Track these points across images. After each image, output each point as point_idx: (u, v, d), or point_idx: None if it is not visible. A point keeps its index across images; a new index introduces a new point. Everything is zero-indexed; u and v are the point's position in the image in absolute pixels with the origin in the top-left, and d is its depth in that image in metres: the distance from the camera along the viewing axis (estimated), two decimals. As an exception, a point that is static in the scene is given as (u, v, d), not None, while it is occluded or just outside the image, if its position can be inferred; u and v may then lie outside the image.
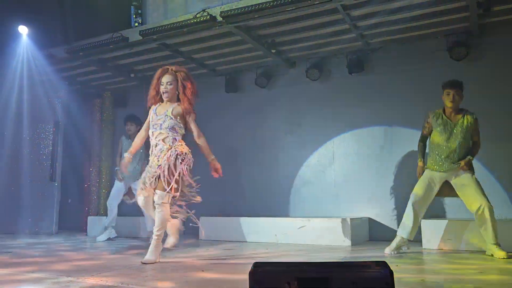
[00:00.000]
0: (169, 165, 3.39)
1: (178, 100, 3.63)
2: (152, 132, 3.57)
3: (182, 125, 3.64)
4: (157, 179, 3.42)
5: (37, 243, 5.34)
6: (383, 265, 1.75)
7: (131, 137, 5.61)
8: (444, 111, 4.01)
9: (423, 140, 4.17)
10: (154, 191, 3.44)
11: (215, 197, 6.25)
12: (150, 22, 5.94)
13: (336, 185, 5.58)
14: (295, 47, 5.55)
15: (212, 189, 6.30)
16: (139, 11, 6.08)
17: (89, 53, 5.81)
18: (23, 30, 6.19)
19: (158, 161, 3.41)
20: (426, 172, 4.01)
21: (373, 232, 5.30)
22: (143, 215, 5.54)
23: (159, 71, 3.68)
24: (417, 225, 3.97)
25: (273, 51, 5.49)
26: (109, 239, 5.58)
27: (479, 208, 3.67)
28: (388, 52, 5.49)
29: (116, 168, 5.84)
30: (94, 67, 6.29)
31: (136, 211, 5.68)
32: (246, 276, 1.74)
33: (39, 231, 6.80)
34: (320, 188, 5.65)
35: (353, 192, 5.46)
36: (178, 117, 3.59)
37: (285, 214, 5.52)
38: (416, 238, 4.12)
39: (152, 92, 3.66)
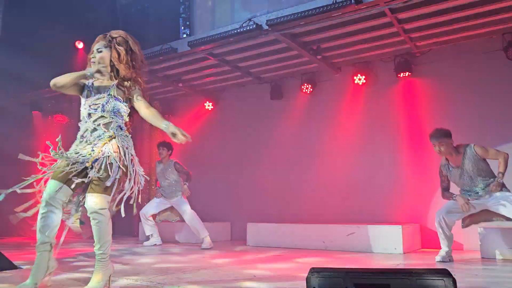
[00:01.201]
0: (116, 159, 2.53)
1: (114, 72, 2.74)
2: (89, 114, 2.69)
3: (127, 107, 2.76)
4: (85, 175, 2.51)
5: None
6: (446, 272, 1.71)
7: (162, 161, 5.87)
8: (447, 160, 4.01)
9: (446, 189, 4.09)
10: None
11: (262, 204, 6.31)
12: (198, 33, 6.12)
13: (385, 191, 5.43)
14: (341, 52, 5.52)
15: (258, 194, 6.40)
16: (187, 23, 6.27)
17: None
18: (79, 45, 6.58)
19: (93, 150, 2.57)
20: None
21: (426, 240, 5.11)
22: (183, 221, 5.72)
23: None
24: (450, 237, 3.93)
25: (319, 57, 5.47)
26: (154, 245, 5.72)
27: None
28: (438, 54, 5.33)
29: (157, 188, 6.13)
30: (145, 77, 6.53)
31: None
32: (302, 281, 1.75)
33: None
34: (369, 194, 5.53)
35: (404, 198, 5.31)
36: (124, 95, 2.72)
37: (333, 221, 5.45)
38: (473, 247, 3.96)
39: (87, 64, 2.81)
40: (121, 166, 2.54)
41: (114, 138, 2.63)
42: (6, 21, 6.16)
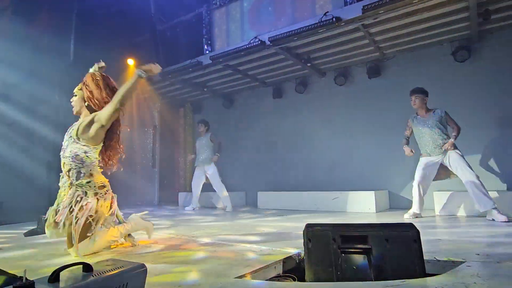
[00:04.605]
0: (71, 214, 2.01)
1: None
2: (60, 159, 2.11)
3: (92, 147, 2.08)
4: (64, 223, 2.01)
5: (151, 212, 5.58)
6: (411, 226, 1.60)
7: (201, 135, 5.68)
8: (416, 113, 3.82)
9: (406, 137, 3.97)
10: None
11: (268, 176, 6.24)
12: (217, 49, 5.98)
13: (361, 165, 5.31)
14: (325, 60, 5.34)
15: (265, 170, 6.32)
16: (209, 42, 6.14)
17: (175, 75, 5.98)
18: (130, 62, 6.50)
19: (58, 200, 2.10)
20: (421, 159, 3.75)
21: (392, 202, 4.99)
22: (214, 191, 5.57)
23: None
24: (422, 201, 3.72)
25: (308, 64, 5.31)
26: (193, 209, 5.70)
27: (467, 182, 3.39)
28: (401, 59, 5.12)
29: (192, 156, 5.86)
30: (179, 85, 6.48)
31: (211, 187, 5.79)
32: (300, 234, 1.65)
33: (145, 203, 7.16)
34: (348, 168, 5.42)
35: (375, 170, 5.18)
36: (87, 134, 2.05)
37: (322, 189, 5.35)
38: (430, 207, 3.82)
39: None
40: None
41: (72, 187, 2.07)
42: (76, 46, 6.07)
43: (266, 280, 1.64)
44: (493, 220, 3.27)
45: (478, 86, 4.41)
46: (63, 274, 0.94)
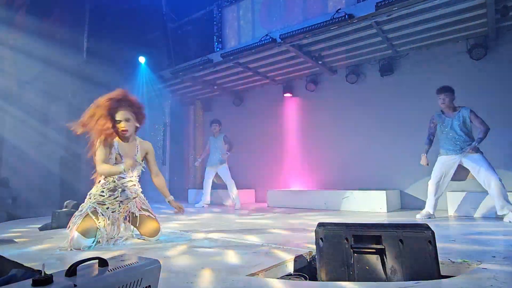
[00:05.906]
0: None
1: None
2: (119, 177, 2.40)
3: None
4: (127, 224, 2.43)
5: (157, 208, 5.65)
6: (426, 226, 1.58)
7: (215, 135, 5.70)
8: (442, 111, 3.70)
9: (429, 137, 3.81)
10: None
11: (277, 175, 6.23)
12: (228, 46, 5.98)
13: (372, 164, 5.24)
14: (337, 58, 5.28)
15: (275, 168, 6.31)
16: (220, 39, 6.14)
17: (186, 73, 6.00)
18: (141, 60, 6.56)
19: (120, 206, 2.40)
20: (439, 158, 3.67)
21: (404, 202, 4.93)
22: (226, 188, 5.61)
23: (108, 103, 2.25)
24: (437, 202, 3.65)
25: (320, 62, 5.26)
26: (203, 207, 5.73)
27: (490, 183, 3.30)
28: (414, 57, 5.02)
29: (198, 159, 6.09)
30: (189, 82, 6.50)
31: (222, 186, 5.82)
32: (311, 233, 1.64)
33: (155, 200, 7.21)
34: (359, 166, 5.35)
35: (387, 169, 5.11)
36: (143, 159, 2.54)
37: (332, 187, 5.31)
38: (443, 207, 3.75)
39: (100, 127, 2.25)
40: None
41: (137, 197, 2.53)
42: (89, 44, 6.14)
43: (277, 278, 1.64)
44: (510, 222, 3.19)
45: (494, 85, 4.30)
46: (80, 269, 0.96)
